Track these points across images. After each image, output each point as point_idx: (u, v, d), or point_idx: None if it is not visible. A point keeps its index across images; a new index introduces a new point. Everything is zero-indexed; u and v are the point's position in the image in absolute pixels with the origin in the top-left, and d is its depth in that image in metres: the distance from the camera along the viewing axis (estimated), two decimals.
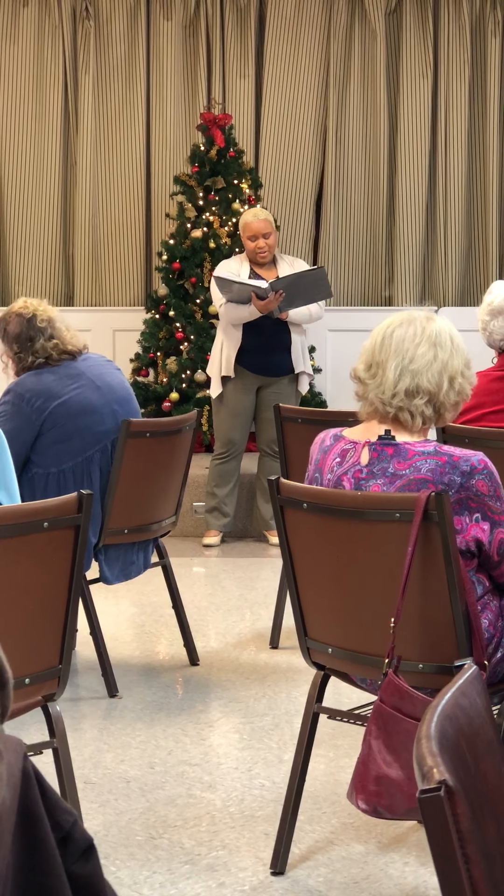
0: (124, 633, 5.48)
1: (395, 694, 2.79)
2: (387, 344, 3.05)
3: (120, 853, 3.35)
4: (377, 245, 8.95)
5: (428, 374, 3.02)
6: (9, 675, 1.36)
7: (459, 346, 3.08)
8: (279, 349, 6.88)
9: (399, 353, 3.03)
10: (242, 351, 6.85)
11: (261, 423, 7.05)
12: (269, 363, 6.90)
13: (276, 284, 6.53)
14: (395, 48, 8.90)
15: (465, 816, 1.25)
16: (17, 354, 4.61)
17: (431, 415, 3.06)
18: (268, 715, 4.43)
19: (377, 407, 3.06)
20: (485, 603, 3.02)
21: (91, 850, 1.43)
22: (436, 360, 3.03)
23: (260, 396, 6.99)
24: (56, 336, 4.62)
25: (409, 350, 3.03)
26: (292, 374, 6.95)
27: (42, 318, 4.61)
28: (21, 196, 8.93)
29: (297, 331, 6.92)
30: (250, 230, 6.82)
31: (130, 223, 8.92)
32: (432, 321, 3.08)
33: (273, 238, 6.85)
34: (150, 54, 8.89)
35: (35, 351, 4.58)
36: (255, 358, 6.87)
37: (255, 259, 6.86)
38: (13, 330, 4.61)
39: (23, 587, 2.96)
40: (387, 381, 3.03)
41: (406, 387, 3.02)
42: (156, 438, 4.72)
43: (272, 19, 8.85)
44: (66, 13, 8.81)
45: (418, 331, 3.05)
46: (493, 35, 8.80)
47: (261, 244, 6.80)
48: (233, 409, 6.96)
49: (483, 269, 8.95)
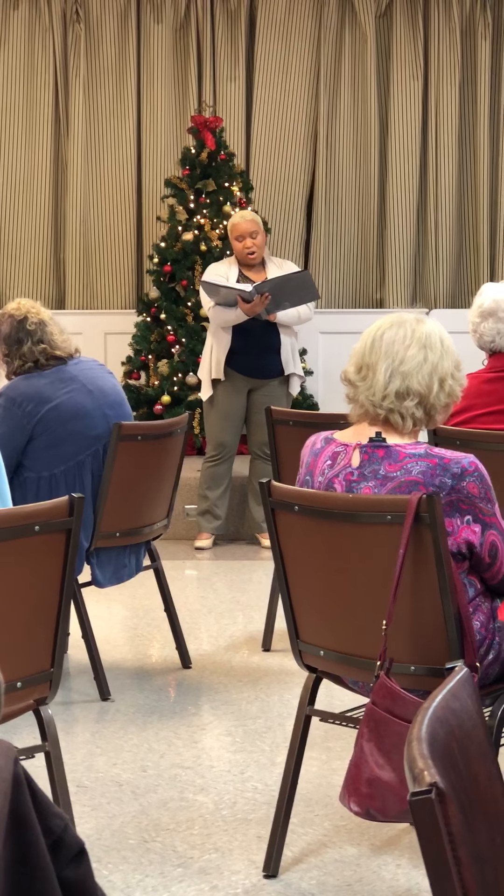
0: (116, 636, 5.48)
1: (387, 696, 2.79)
2: (377, 346, 3.05)
3: (112, 857, 3.35)
4: (368, 247, 8.95)
5: (418, 376, 3.02)
6: (0, 679, 1.36)
7: (449, 348, 3.08)
8: (269, 351, 6.89)
9: (389, 355, 3.03)
10: (232, 353, 6.86)
11: (252, 425, 7.05)
12: (258, 365, 6.90)
13: (262, 287, 6.55)
14: (385, 51, 8.91)
15: (456, 819, 1.25)
16: (6, 357, 4.62)
17: (422, 417, 3.07)
18: (260, 718, 4.43)
19: (367, 409, 3.06)
20: (476, 605, 3.03)
21: (82, 854, 1.43)
22: (426, 362, 3.03)
23: (251, 399, 7.00)
24: (46, 340, 4.60)
25: (400, 352, 3.03)
26: (282, 376, 6.96)
27: (33, 321, 4.60)
28: (12, 199, 8.93)
29: (286, 332, 6.92)
30: (238, 230, 6.85)
31: (121, 226, 8.92)
32: (422, 323, 3.08)
33: (261, 238, 6.87)
34: (141, 57, 8.89)
35: (22, 354, 4.58)
36: (245, 360, 6.87)
37: (245, 260, 6.88)
38: (4, 331, 4.61)
39: (14, 591, 2.96)
40: (377, 384, 3.03)
41: (396, 388, 3.02)
42: (147, 442, 4.72)
43: (262, 22, 8.86)
44: (56, 16, 8.81)
45: (408, 333, 3.05)
46: (482, 38, 8.81)
47: (248, 244, 6.82)
48: (223, 412, 6.97)
49: (474, 271, 8.96)
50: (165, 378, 7.95)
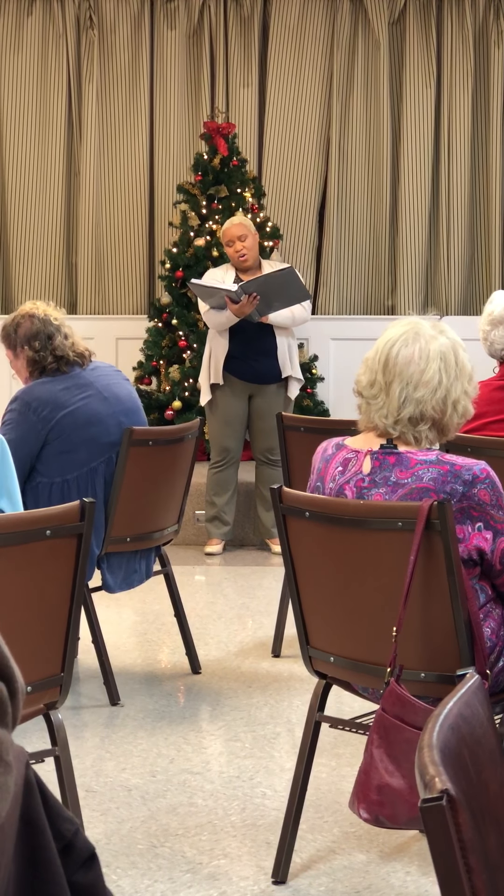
0: (126, 641, 5.48)
1: (397, 703, 2.79)
2: (391, 364, 3.03)
3: (121, 862, 3.35)
4: (380, 254, 8.95)
5: (432, 402, 3.01)
6: (20, 683, 1.36)
7: (464, 365, 3.06)
8: (265, 354, 6.90)
9: (403, 379, 3.01)
10: (229, 357, 6.88)
11: (254, 432, 7.06)
12: (255, 369, 6.91)
13: (247, 287, 6.58)
14: (398, 57, 8.91)
15: (467, 826, 1.25)
16: (38, 353, 4.56)
17: (435, 437, 3.07)
18: (269, 723, 4.42)
19: (378, 426, 3.05)
20: (487, 611, 3.02)
21: (93, 858, 1.44)
22: (440, 387, 3.01)
23: (251, 405, 7.01)
24: (70, 337, 4.62)
25: (415, 376, 3.00)
26: (280, 380, 6.97)
27: (55, 318, 4.61)
28: (25, 204, 8.94)
29: (282, 334, 6.93)
30: (227, 236, 6.93)
31: (133, 231, 8.94)
32: (436, 338, 3.04)
33: (251, 241, 6.89)
34: (154, 63, 8.91)
35: (55, 348, 4.55)
36: (242, 364, 6.89)
37: (238, 264, 6.92)
38: (28, 330, 4.57)
39: (25, 595, 2.96)
40: (390, 406, 3.02)
41: (410, 415, 3.01)
42: (158, 447, 4.72)
43: (276, 28, 8.87)
44: (69, 22, 8.83)
45: (423, 352, 3.01)
46: (496, 45, 8.81)
47: (238, 247, 6.87)
48: (225, 417, 6.98)
49: (486, 278, 8.95)
50: (176, 383, 7.96)
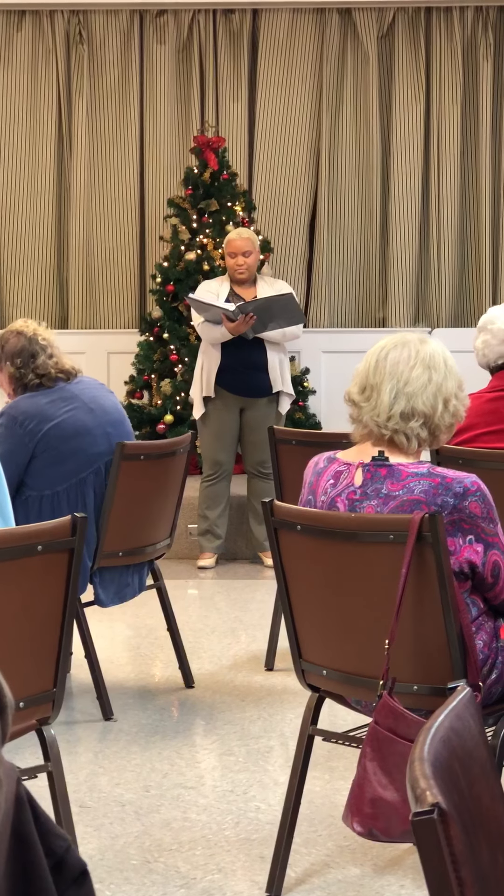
0: (119, 655, 5.47)
1: (389, 716, 2.79)
2: (381, 366, 3.06)
3: (115, 877, 3.34)
4: (371, 267, 8.96)
5: (423, 397, 3.03)
6: (9, 699, 1.35)
7: (453, 368, 3.09)
8: (256, 368, 6.91)
9: (394, 376, 3.04)
10: (221, 371, 6.90)
11: (246, 445, 7.07)
12: (246, 383, 6.92)
13: (245, 307, 6.62)
14: (387, 71, 8.93)
15: (459, 839, 1.25)
16: (19, 370, 4.62)
17: (426, 437, 3.07)
18: (263, 737, 4.42)
19: (372, 429, 3.06)
20: (479, 624, 3.02)
21: (84, 875, 1.43)
22: (430, 383, 3.04)
23: (243, 418, 7.02)
24: (56, 356, 4.66)
25: (404, 373, 3.04)
26: (271, 394, 6.98)
27: (43, 337, 4.67)
28: (15, 219, 8.95)
29: (274, 349, 6.95)
30: (232, 247, 6.95)
31: (124, 246, 8.94)
32: (426, 343, 3.09)
33: (253, 258, 6.94)
34: (144, 78, 8.92)
35: (37, 367, 4.61)
36: (233, 378, 6.90)
37: (235, 277, 6.94)
38: (13, 347, 4.64)
39: (17, 611, 2.96)
40: (382, 404, 3.03)
41: (401, 409, 3.02)
42: (150, 461, 4.72)
43: (265, 42, 8.89)
44: (59, 37, 8.85)
45: (412, 353, 3.06)
46: (484, 59, 8.84)
47: (240, 261, 6.90)
48: (216, 431, 6.99)
49: (476, 291, 8.97)
50: (168, 397, 7.96)
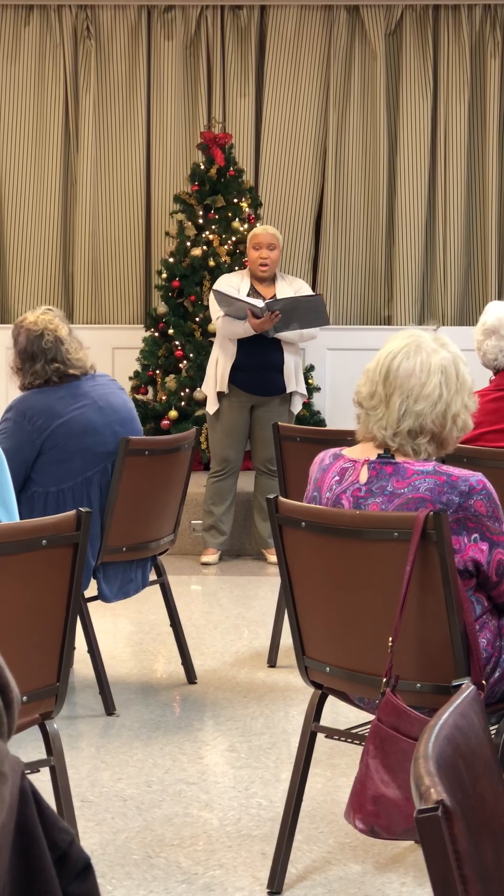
0: (122, 651, 5.48)
1: (392, 713, 2.79)
2: (392, 377, 3.03)
3: (116, 872, 3.34)
4: (377, 264, 8.96)
5: (432, 415, 3.01)
6: (15, 693, 1.35)
7: (464, 379, 3.06)
8: (272, 368, 6.91)
9: (404, 391, 3.01)
10: (235, 369, 6.88)
11: (255, 442, 7.07)
12: (260, 382, 6.92)
13: (273, 305, 6.59)
14: (394, 68, 8.93)
15: (463, 837, 1.25)
16: (19, 369, 4.62)
17: (434, 450, 3.07)
18: (265, 734, 4.42)
19: (377, 437, 3.05)
20: (483, 622, 3.02)
21: (88, 869, 1.43)
22: (440, 401, 3.01)
23: (253, 416, 7.01)
24: (60, 359, 4.56)
25: (415, 388, 3.00)
26: (284, 393, 6.97)
27: (49, 339, 4.55)
28: (21, 214, 8.95)
29: (290, 350, 6.94)
30: (257, 239, 6.95)
31: (130, 241, 8.94)
32: (437, 351, 3.04)
33: (277, 253, 6.94)
34: (151, 73, 8.92)
35: (34, 372, 4.56)
36: (247, 377, 6.89)
37: (257, 272, 6.92)
38: (21, 343, 4.60)
39: (21, 605, 2.96)
40: (390, 418, 3.02)
41: (409, 427, 3.01)
42: (154, 456, 4.72)
43: (272, 39, 8.88)
44: (67, 32, 8.85)
45: (425, 365, 3.01)
46: (492, 56, 8.83)
47: (264, 254, 6.90)
48: (227, 427, 6.98)
49: (482, 288, 8.96)
50: (173, 393, 7.97)
